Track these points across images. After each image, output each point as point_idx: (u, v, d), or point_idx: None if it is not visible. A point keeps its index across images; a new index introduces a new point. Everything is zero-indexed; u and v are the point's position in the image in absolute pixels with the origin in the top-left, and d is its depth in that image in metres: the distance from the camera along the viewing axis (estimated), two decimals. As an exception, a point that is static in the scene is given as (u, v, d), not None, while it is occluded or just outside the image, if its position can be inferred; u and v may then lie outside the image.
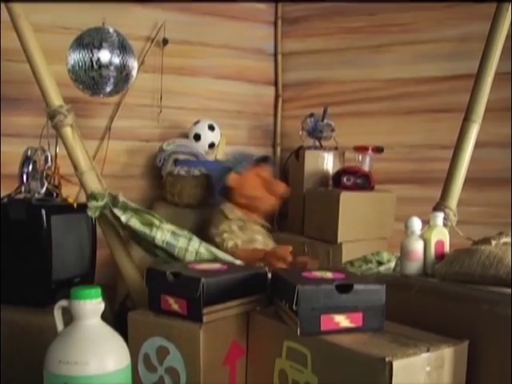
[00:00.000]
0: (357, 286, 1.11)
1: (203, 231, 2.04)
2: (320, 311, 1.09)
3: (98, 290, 1.04)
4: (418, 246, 1.34)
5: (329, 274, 1.21)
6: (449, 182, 1.79)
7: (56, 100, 1.75)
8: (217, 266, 1.41)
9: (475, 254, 1.24)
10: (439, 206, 1.76)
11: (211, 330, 1.22)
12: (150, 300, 1.32)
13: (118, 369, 1.00)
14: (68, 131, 1.77)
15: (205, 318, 1.20)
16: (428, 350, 1.00)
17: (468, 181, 1.82)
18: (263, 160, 2.21)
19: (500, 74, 1.83)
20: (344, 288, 1.11)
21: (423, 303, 1.23)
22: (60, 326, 1.06)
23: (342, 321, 1.10)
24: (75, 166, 1.78)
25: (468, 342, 1.06)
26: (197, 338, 1.18)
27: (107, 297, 1.32)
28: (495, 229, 1.38)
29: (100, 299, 1.04)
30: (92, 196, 1.72)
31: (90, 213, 1.72)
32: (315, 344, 1.08)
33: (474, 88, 1.78)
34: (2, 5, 1.75)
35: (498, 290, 1.16)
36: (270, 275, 1.35)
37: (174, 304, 1.25)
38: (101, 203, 1.72)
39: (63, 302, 1.06)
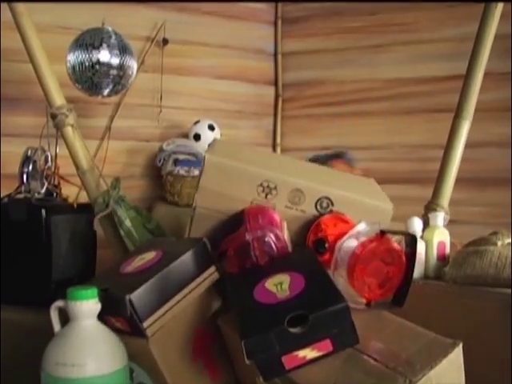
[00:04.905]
0: (313, 316, 0.90)
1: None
2: (279, 355, 0.91)
3: (95, 291, 1.03)
4: (419, 248, 1.23)
5: (285, 285, 1.01)
6: (440, 181, 1.75)
7: (58, 99, 1.76)
8: (152, 255, 1.18)
9: (485, 255, 1.22)
10: (431, 205, 1.74)
11: (162, 337, 1.07)
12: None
13: (116, 370, 0.99)
14: (69, 131, 1.77)
15: (148, 332, 1.05)
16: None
17: (468, 181, 1.81)
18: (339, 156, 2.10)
19: (500, 74, 1.83)
20: (299, 319, 0.91)
21: (426, 307, 1.19)
22: (57, 326, 1.06)
23: (308, 353, 0.93)
24: (77, 166, 1.79)
25: (461, 344, 0.94)
26: (149, 353, 1.06)
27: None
28: (495, 229, 1.38)
29: (96, 300, 1.03)
30: (101, 195, 1.73)
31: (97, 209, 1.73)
32: (284, 381, 0.94)
33: (464, 85, 1.76)
34: (3, 4, 1.75)
35: (507, 292, 1.15)
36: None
37: (116, 322, 1.10)
38: (107, 201, 1.73)
39: (59, 303, 1.05)
